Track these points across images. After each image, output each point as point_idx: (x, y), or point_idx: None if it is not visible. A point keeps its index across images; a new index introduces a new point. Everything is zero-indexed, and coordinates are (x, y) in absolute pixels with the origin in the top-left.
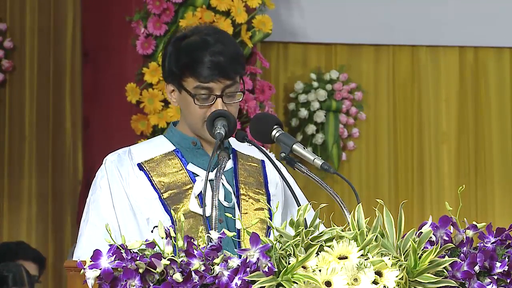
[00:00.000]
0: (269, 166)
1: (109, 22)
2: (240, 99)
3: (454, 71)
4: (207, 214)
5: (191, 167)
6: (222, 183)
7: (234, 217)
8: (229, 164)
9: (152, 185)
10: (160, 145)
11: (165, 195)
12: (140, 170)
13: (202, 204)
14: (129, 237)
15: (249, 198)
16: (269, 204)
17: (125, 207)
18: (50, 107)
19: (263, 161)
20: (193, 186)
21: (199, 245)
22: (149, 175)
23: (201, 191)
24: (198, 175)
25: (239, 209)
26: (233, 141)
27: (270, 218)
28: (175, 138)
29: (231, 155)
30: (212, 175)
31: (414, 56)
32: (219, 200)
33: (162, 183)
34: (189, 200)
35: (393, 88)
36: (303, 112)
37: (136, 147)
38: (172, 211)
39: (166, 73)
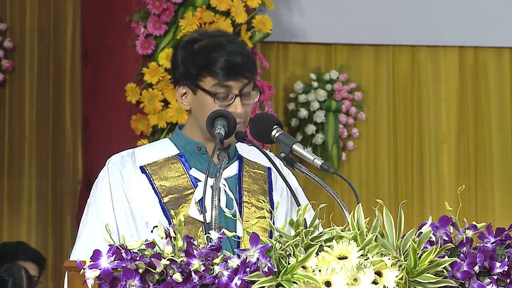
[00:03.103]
0: (275, 173)
1: (109, 22)
2: (256, 99)
3: (454, 71)
4: (207, 221)
5: (193, 172)
6: (224, 190)
7: (235, 223)
8: (234, 171)
9: (153, 188)
10: (164, 148)
11: (166, 200)
12: (142, 173)
13: (202, 210)
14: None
15: (251, 206)
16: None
17: (124, 210)
18: (50, 107)
19: (269, 168)
20: (194, 191)
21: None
22: (151, 179)
23: (202, 197)
24: (200, 181)
25: (241, 217)
26: (240, 147)
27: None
28: (180, 142)
29: (237, 161)
30: (214, 181)
31: (414, 56)
32: (220, 207)
33: (163, 187)
34: (189, 206)
35: (393, 88)
36: (303, 112)
37: (140, 149)
38: (171, 214)
39: (179, 76)
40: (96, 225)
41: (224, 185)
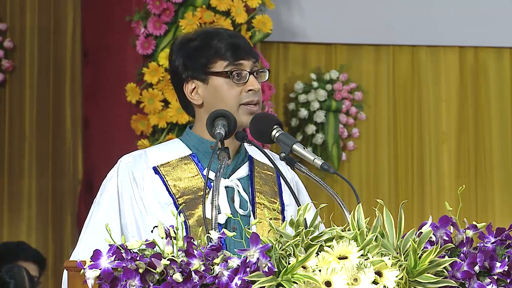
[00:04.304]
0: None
1: (109, 22)
2: (266, 78)
3: (454, 71)
4: (222, 221)
5: (207, 172)
6: (238, 191)
7: (244, 222)
8: (245, 171)
9: (167, 189)
10: (176, 149)
11: (180, 201)
12: (156, 173)
13: (214, 210)
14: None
15: (264, 207)
16: (283, 214)
17: (132, 212)
18: (50, 107)
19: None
20: (208, 192)
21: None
22: (164, 179)
23: (214, 198)
24: (214, 181)
25: (254, 218)
26: (250, 148)
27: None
28: (192, 142)
29: (247, 162)
30: (227, 181)
31: (414, 56)
32: (234, 208)
33: (178, 188)
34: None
35: (393, 88)
36: (303, 112)
37: (152, 149)
38: (187, 215)
39: (187, 72)
40: (96, 226)
41: (237, 185)
